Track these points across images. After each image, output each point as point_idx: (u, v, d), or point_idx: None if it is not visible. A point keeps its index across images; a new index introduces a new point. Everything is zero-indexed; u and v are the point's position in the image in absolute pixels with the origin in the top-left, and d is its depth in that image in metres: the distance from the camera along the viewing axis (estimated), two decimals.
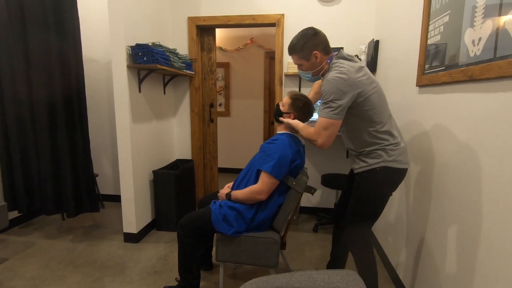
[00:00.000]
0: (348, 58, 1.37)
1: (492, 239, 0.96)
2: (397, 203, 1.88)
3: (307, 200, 2.98)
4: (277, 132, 1.63)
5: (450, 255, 1.21)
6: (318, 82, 1.69)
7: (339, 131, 1.38)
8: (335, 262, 1.76)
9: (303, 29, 1.40)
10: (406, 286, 1.67)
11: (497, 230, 0.94)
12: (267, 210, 1.54)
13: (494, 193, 0.96)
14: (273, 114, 1.66)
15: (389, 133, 1.36)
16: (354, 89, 1.28)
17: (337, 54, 1.40)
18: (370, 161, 1.36)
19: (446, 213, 1.25)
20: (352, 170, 1.54)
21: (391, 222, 1.97)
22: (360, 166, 1.41)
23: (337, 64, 1.34)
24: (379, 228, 2.27)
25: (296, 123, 1.49)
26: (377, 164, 1.34)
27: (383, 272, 1.98)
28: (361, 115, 1.34)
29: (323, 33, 1.40)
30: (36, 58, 2.16)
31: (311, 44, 1.37)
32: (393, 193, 1.41)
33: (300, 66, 1.46)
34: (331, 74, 1.31)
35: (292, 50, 1.42)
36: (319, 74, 1.45)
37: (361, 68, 1.34)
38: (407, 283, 1.66)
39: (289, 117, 1.55)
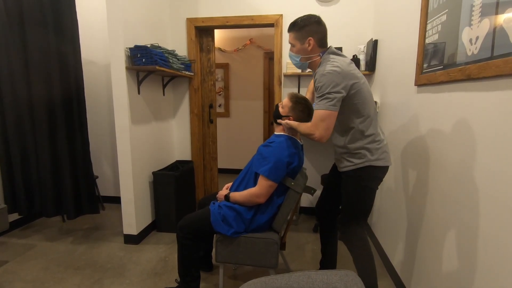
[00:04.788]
0: (339, 54, 1.43)
1: (490, 237, 0.96)
2: (396, 201, 1.87)
3: (307, 200, 2.98)
4: (275, 133, 1.62)
5: (448, 252, 1.21)
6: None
7: None
8: (326, 259, 1.81)
9: (310, 14, 1.44)
10: (405, 284, 1.66)
11: (495, 227, 0.94)
12: (267, 211, 1.54)
13: (492, 191, 0.96)
14: (272, 116, 1.65)
15: (374, 128, 1.42)
16: (348, 80, 1.32)
17: (328, 50, 1.44)
18: (355, 160, 1.42)
19: (444, 211, 1.25)
20: (334, 167, 1.63)
21: (391, 221, 1.97)
22: (345, 165, 1.47)
23: (328, 58, 1.39)
24: (378, 226, 2.27)
25: (295, 125, 1.48)
26: (362, 164, 1.41)
27: (383, 271, 1.97)
28: (352, 108, 1.39)
29: (325, 26, 1.44)
30: (35, 60, 2.17)
31: (310, 29, 1.40)
32: (392, 192, 1.41)
33: (292, 47, 1.49)
34: (325, 68, 1.34)
35: (292, 27, 1.45)
36: (306, 62, 1.47)
37: (351, 63, 1.41)
38: (406, 281, 1.65)
39: (289, 120, 1.54)
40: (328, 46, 1.46)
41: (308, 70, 1.58)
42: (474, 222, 1.05)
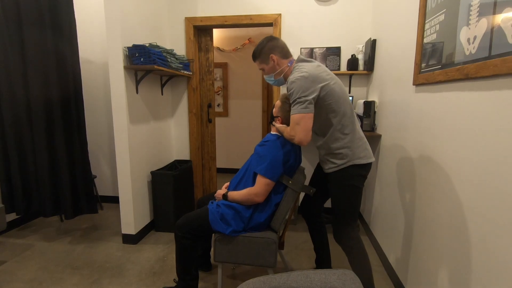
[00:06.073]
0: (306, 60, 1.49)
1: (486, 235, 0.97)
2: (393, 199, 1.88)
3: None
4: (270, 132, 1.64)
5: (444, 249, 1.21)
6: None
7: None
8: (320, 256, 1.85)
9: (262, 38, 1.55)
10: (402, 280, 1.67)
11: (490, 227, 0.94)
12: (265, 209, 1.54)
13: (489, 189, 0.96)
14: (269, 117, 1.69)
15: (353, 126, 1.46)
16: (316, 83, 1.37)
17: (297, 59, 1.52)
18: (337, 162, 1.47)
19: (441, 209, 1.26)
20: (318, 166, 1.68)
21: (388, 219, 1.98)
22: (329, 167, 1.51)
23: (297, 67, 1.47)
24: (376, 225, 2.28)
25: (281, 128, 1.53)
26: (345, 164, 1.46)
27: (381, 269, 1.98)
28: (327, 109, 1.43)
29: (281, 40, 1.55)
30: (32, 60, 2.15)
31: (267, 49, 1.51)
32: (390, 190, 1.42)
33: (263, 72, 1.59)
34: (294, 75, 1.41)
35: (254, 56, 1.57)
36: (281, 76, 1.56)
37: (319, 66, 1.47)
38: (403, 278, 1.66)
39: (279, 121, 1.58)
40: (298, 56, 1.54)
41: None
42: (471, 220, 1.05)
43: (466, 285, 1.08)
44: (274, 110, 1.62)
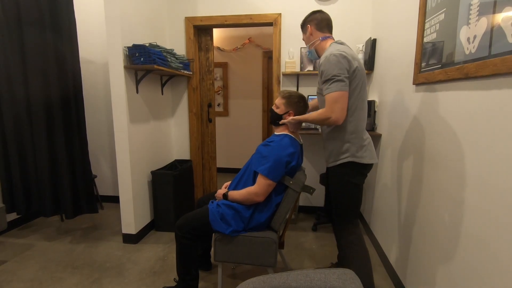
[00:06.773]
0: (344, 44, 1.50)
1: (482, 235, 0.97)
2: (393, 198, 1.88)
3: (306, 199, 2.98)
4: (274, 133, 1.63)
5: (442, 247, 1.21)
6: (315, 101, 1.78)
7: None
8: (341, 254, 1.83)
9: None
10: (401, 278, 1.67)
11: (489, 226, 0.94)
12: (265, 209, 1.54)
13: (488, 189, 0.96)
14: (270, 120, 1.66)
15: (362, 123, 1.47)
16: (352, 63, 1.37)
17: (335, 40, 1.53)
18: (338, 156, 1.47)
19: (440, 208, 1.26)
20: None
21: (388, 218, 1.98)
22: (329, 160, 1.52)
23: (333, 45, 1.47)
24: (376, 224, 2.28)
25: (302, 117, 1.52)
26: (345, 159, 1.45)
27: (381, 269, 1.98)
28: (349, 95, 1.41)
29: (326, 14, 1.55)
30: (32, 60, 2.16)
31: (308, 20, 1.57)
32: (390, 189, 1.41)
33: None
34: (329, 51, 1.40)
35: (300, 27, 1.64)
36: (312, 48, 1.58)
37: (352, 51, 1.47)
38: (402, 276, 1.66)
39: (290, 116, 1.55)
40: (339, 39, 1.52)
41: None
42: (471, 219, 1.05)
43: (466, 285, 1.08)
44: (278, 109, 1.58)
